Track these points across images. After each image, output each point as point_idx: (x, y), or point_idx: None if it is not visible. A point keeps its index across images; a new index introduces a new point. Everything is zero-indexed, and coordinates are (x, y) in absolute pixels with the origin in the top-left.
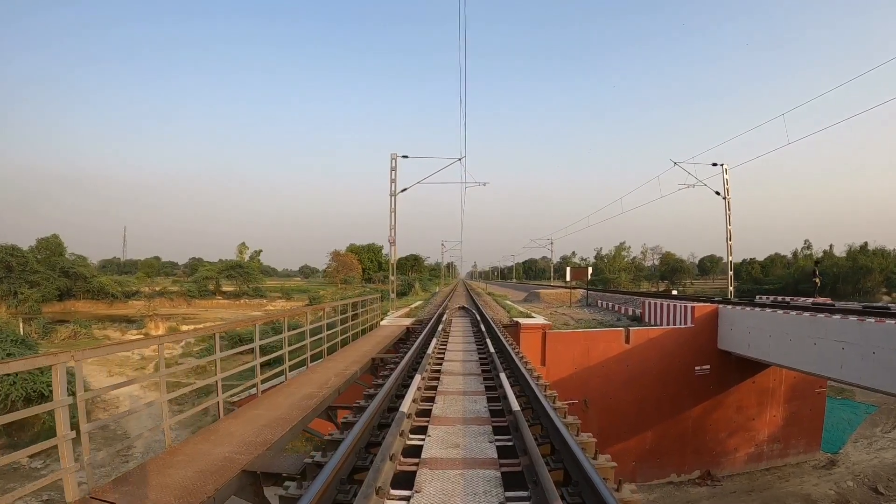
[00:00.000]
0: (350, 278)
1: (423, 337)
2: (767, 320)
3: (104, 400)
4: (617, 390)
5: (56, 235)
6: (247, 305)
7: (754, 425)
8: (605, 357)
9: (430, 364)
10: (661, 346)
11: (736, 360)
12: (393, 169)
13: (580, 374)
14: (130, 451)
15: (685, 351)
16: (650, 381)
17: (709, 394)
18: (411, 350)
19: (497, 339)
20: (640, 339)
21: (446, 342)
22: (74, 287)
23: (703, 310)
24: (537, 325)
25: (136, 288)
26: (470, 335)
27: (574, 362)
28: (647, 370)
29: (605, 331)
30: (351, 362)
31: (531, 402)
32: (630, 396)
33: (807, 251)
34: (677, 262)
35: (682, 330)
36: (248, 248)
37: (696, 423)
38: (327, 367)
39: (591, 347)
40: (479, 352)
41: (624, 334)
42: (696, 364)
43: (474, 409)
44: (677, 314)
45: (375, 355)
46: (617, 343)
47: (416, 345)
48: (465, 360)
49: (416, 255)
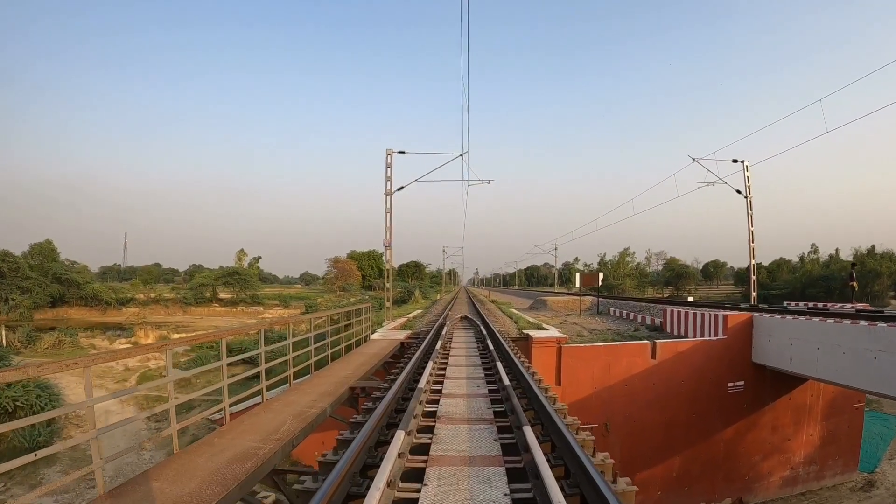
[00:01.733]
0: (349, 285)
1: (417, 357)
2: (815, 330)
3: (78, 416)
4: (642, 411)
5: (49, 241)
6: (243, 313)
7: (790, 446)
8: (629, 374)
9: (423, 404)
10: (690, 360)
11: (771, 375)
12: (388, 166)
13: (600, 393)
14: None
15: (717, 366)
16: (678, 401)
17: (742, 413)
18: (400, 378)
19: (511, 364)
20: (668, 354)
21: (446, 364)
22: (68, 294)
23: (737, 319)
24: (551, 338)
25: (130, 295)
26: (474, 354)
27: (593, 380)
28: (675, 388)
29: (629, 344)
30: (321, 394)
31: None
32: (656, 418)
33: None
34: (682, 267)
35: (713, 342)
36: (247, 254)
37: (728, 446)
38: (288, 402)
39: (613, 363)
40: (487, 381)
41: (650, 348)
42: (729, 380)
43: (488, 498)
44: (706, 324)
45: (356, 382)
46: (642, 358)
47: (408, 370)
48: (471, 396)
49: (417, 262)
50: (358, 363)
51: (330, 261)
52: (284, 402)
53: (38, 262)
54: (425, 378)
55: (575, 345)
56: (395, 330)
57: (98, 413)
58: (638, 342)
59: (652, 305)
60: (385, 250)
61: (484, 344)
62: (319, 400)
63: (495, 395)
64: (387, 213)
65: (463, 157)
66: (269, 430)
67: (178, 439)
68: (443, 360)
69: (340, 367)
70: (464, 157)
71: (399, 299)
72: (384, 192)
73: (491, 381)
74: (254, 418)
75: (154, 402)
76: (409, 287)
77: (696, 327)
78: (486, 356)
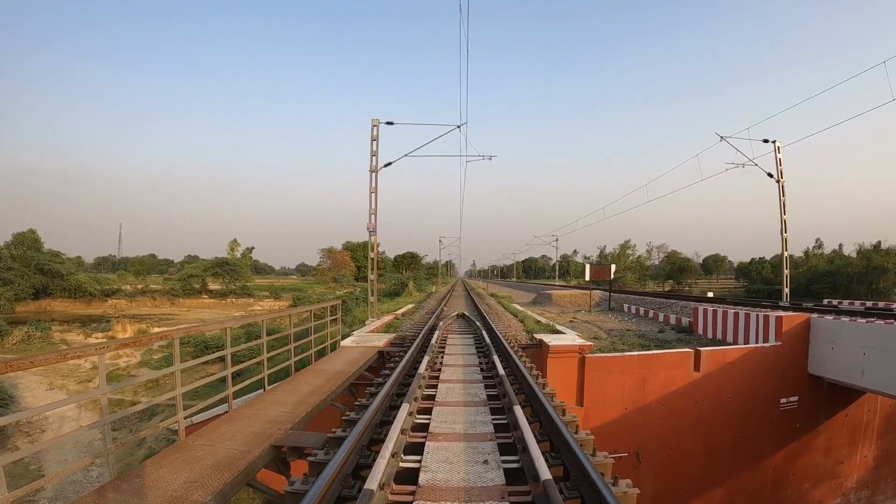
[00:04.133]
0: (340, 277)
1: (391, 383)
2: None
3: (30, 422)
4: (680, 436)
5: (33, 230)
6: (233, 305)
7: (843, 470)
8: (667, 390)
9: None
10: (739, 372)
11: (828, 388)
12: (374, 139)
13: (632, 415)
14: (37, 496)
15: (769, 378)
16: (724, 422)
17: (794, 434)
18: (358, 428)
19: (550, 429)
20: (714, 364)
21: (433, 400)
22: (52, 285)
23: (793, 322)
24: (571, 346)
25: (116, 286)
26: (476, 380)
27: (624, 399)
28: (721, 406)
29: (668, 353)
30: (209, 468)
31: None
32: (697, 444)
33: (818, 250)
34: (684, 261)
35: (765, 350)
36: (240, 244)
37: (777, 473)
38: (158, 480)
39: (649, 377)
40: (497, 437)
41: (693, 358)
42: (783, 395)
43: None
44: (751, 327)
45: (284, 436)
46: (683, 370)
47: (372, 411)
48: (471, 484)
49: (413, 253)
50: (307, 390)
51: (323, 251)
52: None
53: (21, 252)
54: (393, 436)
55: (601, 354)
56: (376, 332)
57: (52, 419)
58: (679, 351)
59: (674, 302)
60: (369, 236)
61: (488, 358)
62: (196, 488)
63: (514, 476)
64: (371, 193)
65: (461, 128)
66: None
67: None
68: (430, 386)
69: (280, 397)
70: (462, 129)
71: (392, 292)
72: (369, 169)
73: (504, 437)
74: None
75: (115, 406)
76: (402, 279)
77: (736, 330)
78: (493, 383)
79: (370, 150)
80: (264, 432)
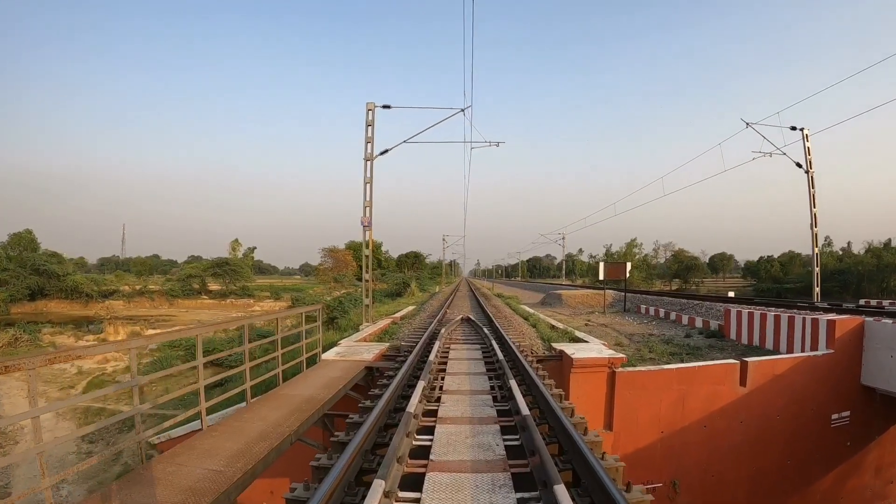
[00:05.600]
0: (341, 277)
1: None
2: None
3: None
4: (723, 461)
5: (29, 230)
6: (233, 306)
7: (891, 490)
8: (709, 409)
9: None
10: (789, 385)
11: (881, 401)
12: (369, 124)
13: (669, 439)
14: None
15: (820, 391)
16: (771, 443)
17: (845, 453)
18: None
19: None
20: (762, 377)
21: (425, 458)
22: (48, 286)
23: (846, 326)
24: (598, 359)
25: (114, 287)
26: (487, 418)
27: (660, 420)
28: (768, 425)
29: (711, 366)
30: None
31: None
32: (742, 469)
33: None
34: (691, 259)
35: (817, 359)
36: (242, 244)
37: (826, 497)
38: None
39: (689, 394)
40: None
41: (739, 371)
42: (834, 410)
43: None
44: (795, 332)
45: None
46: (727, 385)
47: (326, 493)
48: None
49: (417, 252)
50: (258, 431)
51: (324, 250)
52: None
53: (17, 252)
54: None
55: (634, 369)
56: (367, 341)
57: (28, 429)
58: (723, 363)
59: (697, 303)
60: (364, 231)
61: (502, 381)
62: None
63: None
64: (366, 184)
65: (465, 112)
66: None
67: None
68: (426, 427)
69: (215, 443)
70: (466, 113)
71: (393, 292)
72: (363, 157)
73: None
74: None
75: (95, 415)
76: (404, 278)
77: (777, 336)
78: (515, 441)
79: (365, 136)
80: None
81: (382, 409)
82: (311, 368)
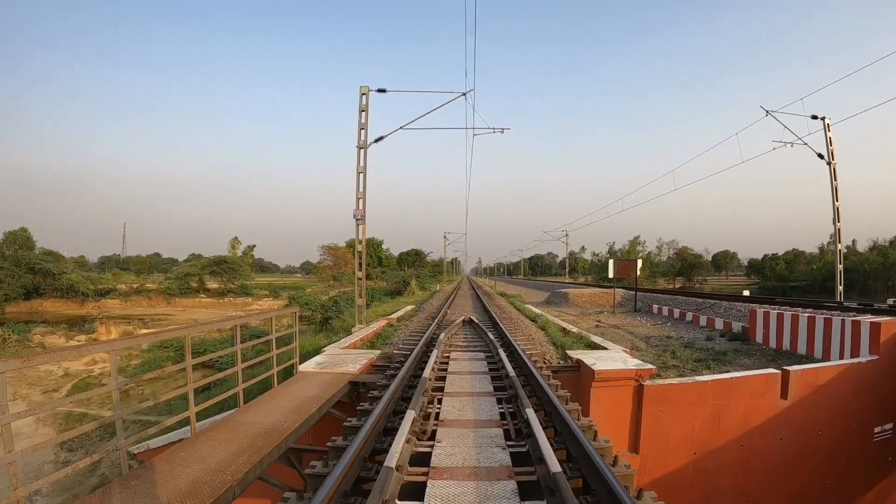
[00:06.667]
0: (340, 275)
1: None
2: None
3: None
4: (760, 483)
5: (25, 229)
6: (231, 304)
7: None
8: (747, 426)
9: None
10: (832, 396)
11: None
12: (363, 109)
13: (702, 461)
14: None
15: (863, 402)
16: (812, 461)
17: (885, 469)
18: None
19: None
20: (804, 388)
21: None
22: (43, 284)
23: (893, 329)
24: (624, 371)
25: (110, 286)
26: (497, 463)
27: (693, 440)
28: (809, 442)
29: (750, 377)
30: None
31: None
32: (780, 492)
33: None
34: (695, 257)
35: (861, 367)
36: (241, 242)
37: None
38: None
39: (725, 409)
40: None
41: (780, 381)
42: (877, 423)
43: None
44: (832, 335)
45: None
46: (768, 399)
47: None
48: None
49: (418, 250)
50: (188, 481)
51: (323, 248)
52: None
53: (12, 251)
54: None
55: (665, 382)
56: (357, 348)
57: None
58: (763, 373)
59: (714, 302)
60: (356, 225)
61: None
62: None
63: None
64: (359, 174)
65: (467, 96)
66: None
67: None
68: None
69: (131, 496)
70: (468, 97)
71: (393, 290)
72: (356, 145)
73: None
74: None
75: (76, 421)
76: (404, 276)
77: (811, 340)
78: (533, 496)
79: (358, 122)
80: None
81: (354, 457)
82: (283, 384)
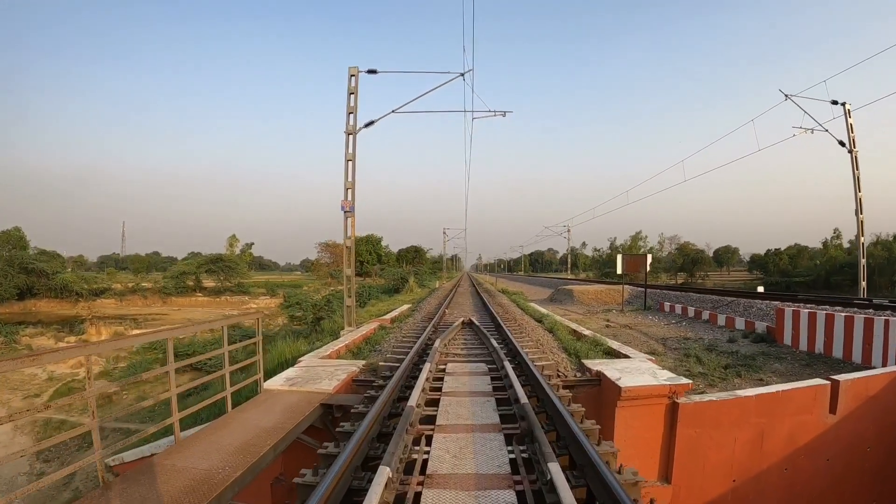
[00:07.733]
0: (337, 272)
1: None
2: None
3: None
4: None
5: (18, 228)
6: (227, 303)
7: None
8: (793, 446)
9: None
10: (884, 409)
11: None
12: (351, 92)
13: (742, 489)
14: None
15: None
16: (859, 483)
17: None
18: None
19: None
20: (855, 401)
21: None
22: (37, 284)
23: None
24: (655, 387)
25: (105, 285)
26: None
27: (733, 466)
28: (857, 462)
29: (796, 390)
30: None
31: None
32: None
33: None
34: (697, 252)
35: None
36: (239, 240)
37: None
38: None
39: (770, 428)
40: None
41: (828, 394)
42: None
43: None
44: (874, 338)
45: None
46: (816, 414)
47: None
48: None
49: (418, 247)
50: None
51: (320, 245)
52: None
53: (5, 251)
54: None
55: (702, 398)
56: (342, 356)
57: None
58: (810, 385)
59: (732, 300)
60: (345, 217)
61: (531, 465)
62: None
63: None
64: (347, 161)
65: (465, 77)
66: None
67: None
68: None
69: None
70: (466, 78)
71: (391, 288)
72: (345, 130)
73: None
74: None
75: (55, 429)
76: (402, 273)
77: (849, 342)
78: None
79: (347, 105)
80: None
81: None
82: (238, 408)
